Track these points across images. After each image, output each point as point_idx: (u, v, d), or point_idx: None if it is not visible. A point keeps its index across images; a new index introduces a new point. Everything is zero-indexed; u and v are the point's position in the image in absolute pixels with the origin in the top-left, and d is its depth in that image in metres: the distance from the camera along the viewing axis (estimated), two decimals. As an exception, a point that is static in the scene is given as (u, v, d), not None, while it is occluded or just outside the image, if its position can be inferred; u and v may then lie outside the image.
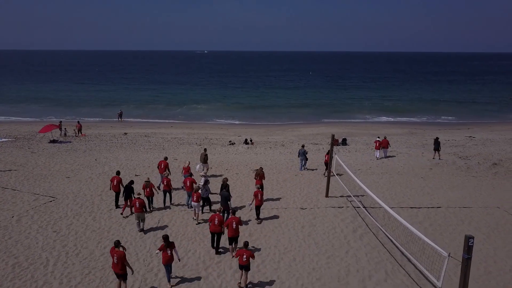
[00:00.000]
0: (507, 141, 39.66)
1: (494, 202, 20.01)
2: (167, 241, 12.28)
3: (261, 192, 17.02)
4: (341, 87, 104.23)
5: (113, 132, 42.41)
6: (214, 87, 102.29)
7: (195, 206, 16.87)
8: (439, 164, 27.40)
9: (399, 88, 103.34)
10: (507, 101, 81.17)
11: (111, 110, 62.35)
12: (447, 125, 53.43)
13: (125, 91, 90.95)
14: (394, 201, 19.99)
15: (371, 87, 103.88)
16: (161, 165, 20.64)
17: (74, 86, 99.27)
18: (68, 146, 32.36)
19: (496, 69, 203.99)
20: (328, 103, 74.06)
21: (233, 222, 14.04)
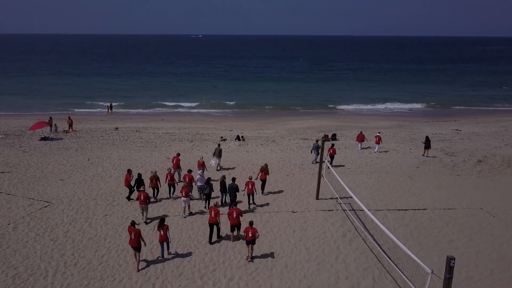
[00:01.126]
0: (492, 134, 40.64)
1: (478, 203, 20.80)
2: (161, 222, 14.79)
3: (252, 182, 19.22)
4: (330, 75, 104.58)
5: (104, 127, 42.41)
6: (202, 76, 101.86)
7: (184, 201, 18.31)
8: (426, 162, 28.15)
9: (388, 75, 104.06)
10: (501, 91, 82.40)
11: (99, 101, 62.16)
12: (435, 116, 54.33)
13: (111, 80, 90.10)
14: (382, 202, 20.64)
15: (360, 75, 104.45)
16: (174, 160, 23.10)
17: (57, 76, 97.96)
18: (59, 144, 32.39)
19: (490, 54, 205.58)
20: (316, 92, 74.49)
21: (234, 213, 16.00)
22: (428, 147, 29.66)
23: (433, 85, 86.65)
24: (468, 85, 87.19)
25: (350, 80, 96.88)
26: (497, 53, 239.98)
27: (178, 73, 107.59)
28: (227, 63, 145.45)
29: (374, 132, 40.69)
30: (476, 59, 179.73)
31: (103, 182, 23.11)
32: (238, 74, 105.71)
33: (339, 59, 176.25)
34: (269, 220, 18.40)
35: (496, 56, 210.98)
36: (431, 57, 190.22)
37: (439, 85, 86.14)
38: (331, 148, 26.69)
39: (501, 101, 67.32)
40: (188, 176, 20.36)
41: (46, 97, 66.08)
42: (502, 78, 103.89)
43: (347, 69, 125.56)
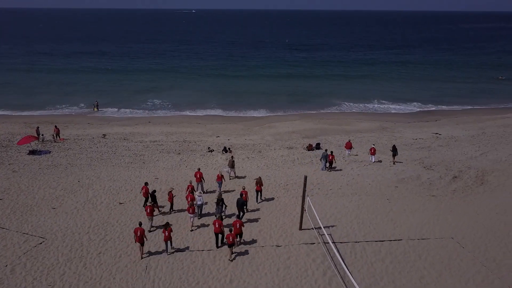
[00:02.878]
0: (469, 139, 42.28)
1: (449, 230, 22.27)
2: (166, 225, 19.13)
3: (245, 191, 22.79)
4: (316, 62, 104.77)
5: (91, 133, 42.75)
6: (186, 66, 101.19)
7: (192, 217, 21.72)
8: (404, 180, 29.51)
9: (376, 67, 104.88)
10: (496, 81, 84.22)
11: (81, 98, 61.96)
12: (416, 116, 55.68)
13: (90, 71, 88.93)
14: (361, 232, 21.96)
15: (346, 62, 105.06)
16: (197, 175, 25.68)
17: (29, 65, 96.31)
18: (48, 160, 32.82)
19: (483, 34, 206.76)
20: (300, 87, 75.01)
21: (237, 224, 19.91)
22: (395, 155, 33.14)
23: (422, 78, 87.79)
24: (461, 77, 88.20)
25: (338, 63, 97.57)
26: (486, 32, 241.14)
27: (161, 64, 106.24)
28: (212, 49, 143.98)
29: (359, 138, 42.09)
30: (465, 41, 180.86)
31: (95, 210, 23.91)
32: (224, 63, 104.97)
33: (326, 42, 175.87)
34: (255, 256, 19.57)
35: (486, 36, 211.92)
36: (418, 39, 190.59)
37: (428, 79, 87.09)
38: (331, 154, 30.91)
39: (498, 96, 69.24)
40: (190, 196, 22.53)
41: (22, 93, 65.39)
42: (496, 63, 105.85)
43: (332, 57, 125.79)
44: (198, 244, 20.64)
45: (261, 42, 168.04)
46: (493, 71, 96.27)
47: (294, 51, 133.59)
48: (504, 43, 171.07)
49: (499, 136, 44.25)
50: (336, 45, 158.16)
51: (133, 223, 22.53)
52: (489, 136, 44.10)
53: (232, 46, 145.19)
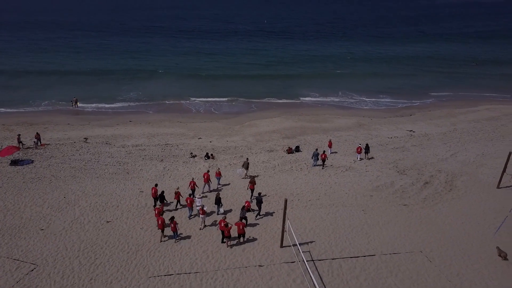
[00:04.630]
0: (441, 138, 44.29)
1: (419, 243, 24.04)
2: (171, 218, 23.26)
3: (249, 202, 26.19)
4: (295, 54, 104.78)
5: (72, 136, 42.79)
6: (160, 50, 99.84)
7: (202, 217, 24.76)
8: (379, 187, 31.15)
9: (349, 50, 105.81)
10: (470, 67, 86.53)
11: (59, 92, 61.20)
12: (392, 110, 57.33)
13: (64, 56, 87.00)
14: (338, 248, 23.50)
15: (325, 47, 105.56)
16: (205, 176, 29.13)
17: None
18: (31, 171, 33.05)
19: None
20: (277, 75, 75.73)
21: (240, 225, 23.10)
22: (367, 152, 37.23)
23: (395, 68, 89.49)
24: (435, 64, 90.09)
25: (313, 58, 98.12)
26: (447, 10, 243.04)
27: (136, 51, 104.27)
28: (187, 34, 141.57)
29: (337, 137, 43.59)
30: (440, 20, 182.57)
31: (83, 231, 24.68)
32: (197, 49, 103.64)
33: (305, 22, 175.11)
34: (240, 278, 20.88)
35: (450, 15, 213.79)
36: (395, 17, 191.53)
37: (400, 68, 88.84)
38: (323, 154, 34.56)
39: (471, 84, 71.77)
40: (189, 199, 25.90)
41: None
42: (470, 46, 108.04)
43: (313, 39, 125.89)
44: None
45: (235, 25, 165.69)
46: (467, 56, 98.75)
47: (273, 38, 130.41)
48: (480, 24, 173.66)
49: (469, 133, 46.40)
50: (311, 30, 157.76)
51: (121, 244, 23.45)
52: (460, 133, 46.21)
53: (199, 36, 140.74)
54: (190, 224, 25.74)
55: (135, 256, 22.45)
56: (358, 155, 37.32)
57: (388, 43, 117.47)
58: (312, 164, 35.25)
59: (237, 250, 23.15)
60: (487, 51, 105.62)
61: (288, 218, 24.79)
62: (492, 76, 79.98)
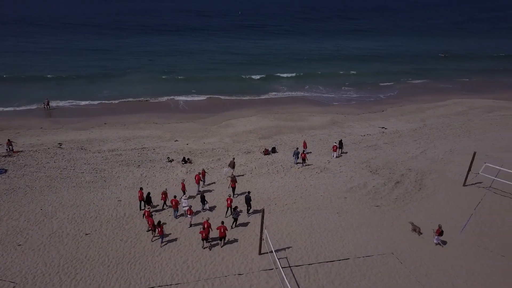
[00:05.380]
0: (411, 134, 45.94)
1: (390, 245, 25.24)
2: (159, 223, 24.54)
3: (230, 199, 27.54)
4: (270, 45, 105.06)
5: (46, 142, 42.13)
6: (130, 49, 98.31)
7: (190, 217, 26.30)
8: (352, 189, 32.25)
9: (324, 41, 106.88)
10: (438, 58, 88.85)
11: (28, 90, 59.76)
12: (364, 106, 58.64)
13: (30, 56, 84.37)
14: (314, 253, 24.43)
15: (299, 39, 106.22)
16: (196, 177, 30.62)
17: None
18: (5, 182, 32.51)
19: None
20: (251, 71, 76.20)
21: (221, 228, 24.06)
22: (341, 148, 39.50)
23: (365, 58, 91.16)
24: (405, 55, 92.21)
25: (289, 48, 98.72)
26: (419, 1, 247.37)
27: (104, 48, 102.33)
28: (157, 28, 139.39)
29: (312, 136, 44.56)
30: (412, 9, 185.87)
31: (62, 244, 24.72)
32: (166, 45, 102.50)
33: (279, 13, 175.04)
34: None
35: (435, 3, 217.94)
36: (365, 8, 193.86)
37: (370, 57, 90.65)
38: (303, 153, 36.39)
39: (440, 77, 74.17)
40: (174, 200, 27.28)
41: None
42: (441, 37, 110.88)
43: (286, 31, 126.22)
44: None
45: (208, 20, 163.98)
46: (437, 48, 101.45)
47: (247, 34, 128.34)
48: (451, 13, 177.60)
49: (438, 129, 48.21)
50: (285, 24, 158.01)
51: (101, 257, 23.67)
52: (430, 129, 47.96)
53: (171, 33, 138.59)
54: (176, 226, 26.81)
55: (116, 269, 22.75)
56: (334, 153, 38.74)
57: (359, 37, 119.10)
58: (294, 162, 36.92)
59: (216, 259, 23.76)
60: (456, 43, 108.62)
61: (266, 224, 25.55)
62: (460, 68, 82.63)
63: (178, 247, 24.72)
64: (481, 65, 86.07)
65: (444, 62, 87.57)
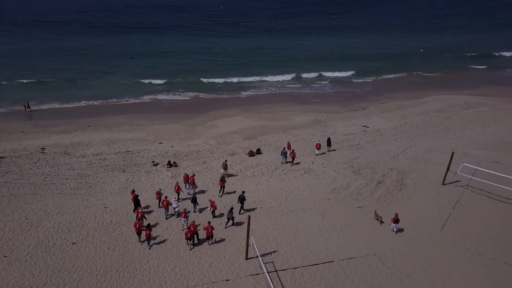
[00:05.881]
0: (392, 133, 46.85)
1: (373, 246, 26.03)
2: (148, 226, 24.99)
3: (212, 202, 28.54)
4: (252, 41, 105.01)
5: (28, 146, 41.66)
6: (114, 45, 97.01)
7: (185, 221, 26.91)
8: (336, 190, 32.97)
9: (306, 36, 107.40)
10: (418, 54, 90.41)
11: (6, 91, 58.73)
12: (347, 105, 59.46)
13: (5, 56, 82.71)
14: (299, 256, 25.05)
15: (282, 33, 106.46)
16: (190, 179, 31.70)
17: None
18: (-12, 190, 32.21)
19: None
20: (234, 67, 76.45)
21: (209, 228, 25.07)
22: (330, 145, 40.94)
23: (344, 54, 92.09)
24: (384, 52, 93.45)
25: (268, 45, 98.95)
26: None
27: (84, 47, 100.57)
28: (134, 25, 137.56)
29: (295, 135, 45.17)
30: (373, 3, 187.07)
31: (48, 255, 24.75)
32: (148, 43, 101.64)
33: (260, 7, 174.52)
34: (208, 295, 22.01)
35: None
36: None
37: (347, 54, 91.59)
38: (292, 152, 37.59)
39: (418, 71, 75.99)
40: (165, 201, 28.19)
41: None
42: (420, 31, 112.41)
43: (268, 28, 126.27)
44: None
45: (188, 15, 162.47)
46: (416, 43, 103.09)
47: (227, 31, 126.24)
48: (430, 7, 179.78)
49: (418, 126, 49.38)
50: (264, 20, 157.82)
51: (89, 266, 23.81)
52: (410, 127, 49.09)
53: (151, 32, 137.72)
54: (164, 231, 27.18)
55: (104, 278, 22.95)
56: (317, 151, 39.90)
57: (338, 33, 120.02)
58: (281, 162, 37.78)
59: (204, 265, 24.17)
60: (435, 39, 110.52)
61: (252, 228, 26.04)
62: (439, 63, 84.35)
63: (166, 254, 25.02)
64: (459, 60, 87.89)
65: (424, 57, 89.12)
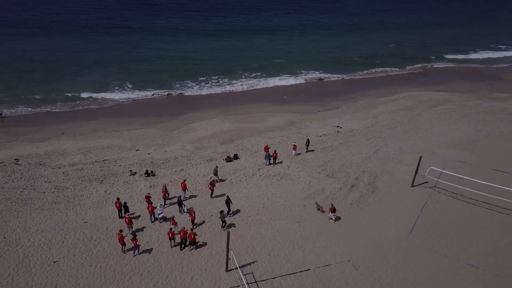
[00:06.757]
0: (364, 133, 48.38)
1: (347, 252, 27.37)
2: (134, 236, 26.13)
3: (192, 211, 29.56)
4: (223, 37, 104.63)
5: (1, 157, 41.03)
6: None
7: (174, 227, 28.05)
8: (311, 196, 34.19)
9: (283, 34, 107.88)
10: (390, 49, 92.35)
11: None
12: (320, 104, 60.63)
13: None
14: (277, 266, 26.13)
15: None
16: (182, 185, 32.91)
17: None
18: (-38, 207, 31.82)
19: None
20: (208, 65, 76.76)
21: (192, 234, 26.72)
22: (308, 145, 42.58)
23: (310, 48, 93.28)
24: (354, 48, 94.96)
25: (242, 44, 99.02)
26: None
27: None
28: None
29: (271, 138, 46.16)
30: None
31: (30, 275, 24.95)
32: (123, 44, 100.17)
33: None
34: (190, 309, 22.84)
35: None
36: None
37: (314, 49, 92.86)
38: (274, 153, 39.87)
39: (389, 67, 78.28)
40: (150, 207, 29.76)
41: None
42: (391, 26, 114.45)
43: (242, 24, 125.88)
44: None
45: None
46: (386, 37, 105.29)
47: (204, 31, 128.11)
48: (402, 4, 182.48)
49: (389, 126, 51.17)
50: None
51: (72, 286, 24.19)
52: (381, 127, 50.82)
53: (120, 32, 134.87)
54: (144, 245, 27.24)
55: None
56: (294, 152, 41.67)
57: (309, 31, 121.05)
58: (264, 164, 39.84)
59: (186, 279, 24.93)
60: (406, 35, 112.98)
61: (231, 238, 26.88)
62: (409, 59, 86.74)
63: (148, 269, 25.62)
64: (428, 56, 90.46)
65: (394, 53, 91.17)
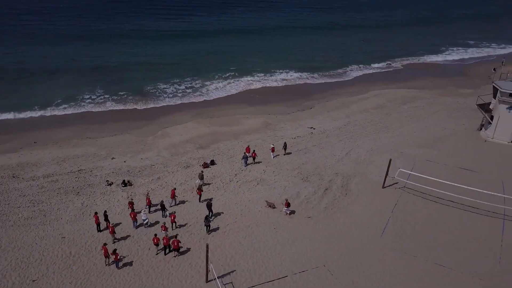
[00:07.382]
0: (337, 133, 49.83)
1: (322, 257, 28.38)
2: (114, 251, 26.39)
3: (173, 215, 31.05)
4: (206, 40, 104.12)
5: (-28, 169, 40.22)
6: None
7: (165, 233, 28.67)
8: (289, 198, 35.12)
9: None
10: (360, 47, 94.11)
11: None
12: (294, 104, 61.65)
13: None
14: (256, 273, 26.94)
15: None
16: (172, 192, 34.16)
17: None
18: None
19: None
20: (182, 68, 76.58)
21: (175, 242, 27.56)
22: (285, 148, 43.71)
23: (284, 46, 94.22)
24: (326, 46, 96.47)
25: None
26: None
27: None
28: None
29: (248, 141, 46.83)
30: None
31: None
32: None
33: None
34: (172, 322, 23.43)
35: None
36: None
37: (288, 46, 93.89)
38: (253, 152, 41.65)
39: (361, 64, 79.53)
40: (133, 214, 30.58)
41: None
42: (360, 22, 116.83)
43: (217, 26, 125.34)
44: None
45: None
46: (357, 33, 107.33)
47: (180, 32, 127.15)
48: None
49: (360, 125, 52.70)
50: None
51: (53, 304, 24.36)
52: (353, 127, 52.30)
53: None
54: (127, 256, 27.75)
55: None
56: (272, 154, 42.97)
57: (282, 30, 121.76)
58: (243, 165, 41.07)
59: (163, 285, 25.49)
60: (376, 33, 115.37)
61: (210, 247, 27.48)
62: (379, 56, 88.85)
63: (129, 283, 25.93)
64: (398, 53, 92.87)
65: (364, 51, 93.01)
